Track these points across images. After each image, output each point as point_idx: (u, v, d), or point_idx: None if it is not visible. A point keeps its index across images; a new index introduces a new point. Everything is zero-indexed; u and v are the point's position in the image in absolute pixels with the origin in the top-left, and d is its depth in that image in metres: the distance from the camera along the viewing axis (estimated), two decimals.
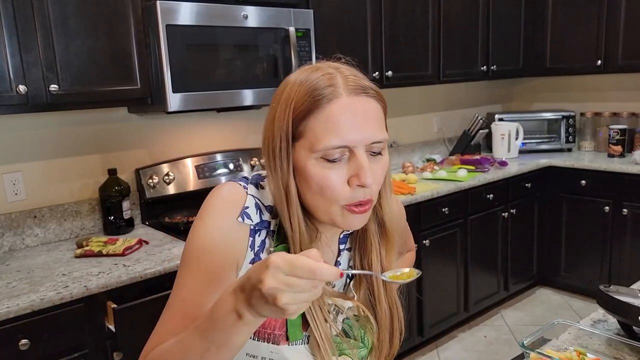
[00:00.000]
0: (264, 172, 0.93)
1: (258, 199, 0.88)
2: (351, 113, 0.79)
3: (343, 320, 0.92)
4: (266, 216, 0.88)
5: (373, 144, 0.81)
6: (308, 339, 0.87)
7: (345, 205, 0.81)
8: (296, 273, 0.61)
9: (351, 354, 0.91)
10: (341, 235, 0.95)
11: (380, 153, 0.83)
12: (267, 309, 0.63)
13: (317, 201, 0.82)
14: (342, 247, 0.95)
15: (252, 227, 0.86)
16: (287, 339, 0.86)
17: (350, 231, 0.94)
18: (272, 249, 0.87)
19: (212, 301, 0.79)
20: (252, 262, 0.86)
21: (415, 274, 0.78)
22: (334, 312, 0.91)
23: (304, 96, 0.79)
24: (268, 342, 0.85)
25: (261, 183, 0.91)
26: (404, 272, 0.79)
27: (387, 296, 0.95)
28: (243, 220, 0.85)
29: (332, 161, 0.79)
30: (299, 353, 0.86)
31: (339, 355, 0.90)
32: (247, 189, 0.88)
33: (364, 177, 0.79)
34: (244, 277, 0.66)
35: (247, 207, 0.86)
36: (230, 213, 0.85)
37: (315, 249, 0.66)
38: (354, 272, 0.87)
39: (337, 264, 0.94)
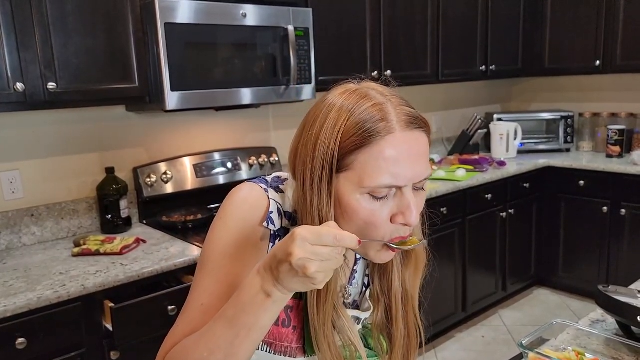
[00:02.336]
0: (283, 175, 0.90)
1: (280, 204, 0.85)
2: (405, 151, 0.76)
3: (359, 330, 0.91)
4: (285, 223, 0.85)
5: (420, 182, 0.79)
6: None
7: (385, 242, 0.79)
8: (322, 241, 0.64)
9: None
10: None
11: (422, 187, 0.81)
12: (296, 281, 0.65)
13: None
14: (358, 256, 0.93)
15: (272, 232, 0.84)
16: (304, 352, 0.85)
17: None
18: None
19: None
20: None
21: (417, 241, 0.78)
22: (353, 321, 0.89)
23: (353, 128, 0.75)
24: (285, 356, 0.85)
25: (281, 187, 0.87)
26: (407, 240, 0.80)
27: (406, 316, 0.92)
28: (268, 225, 0.82)
29: (379, 198, 0.76)
30: None
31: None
32: (268, 192, 0.85)
33: (409, 217, 0.77)
34: (268, 256, 0.68)
35: (272, 212, 0.83)
36: (253, 217, 0.82)
37: (333, 221, 0.69)
38: (368, 240, 0.81)
39: (353, 271, 0.93)
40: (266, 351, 0.84)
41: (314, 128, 0.78)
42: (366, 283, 0.94)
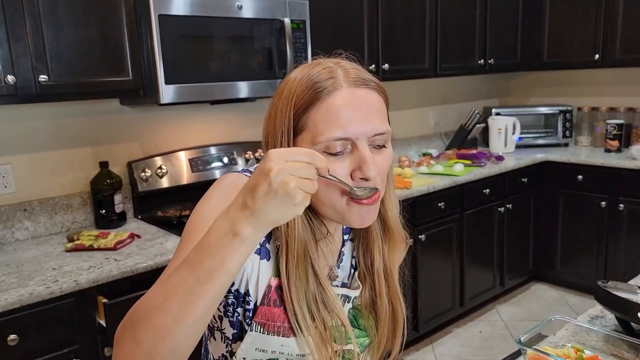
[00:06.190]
0: None
1: None
2: (352, 105, 0.79)
3: (349, 310, 0.93)
4: None
5: (376, 137, 0.81)
6: None
7: (350, 199, 0.80)
8: (296, 157, 0.65)
9: (356, 342, 0.93)
10: (344, 226, 0.95)
11: (384, 145, 0.83)
12: (275, 204, 0.63)
13: (322, 197, 0.81)
14: (345, 237, 0.96)
15: None
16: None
17: None
18: (278, 242, 0.86)
19: None
20: (258, 252, 0.86)
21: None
22: (342, 301, 0.92)
23: (304, 90, 0.80)
24: (278, 336, 0.86)
25: None
26: None
27: (390, 291, 0.95)
28: None
29: (335, 154, 0.79)
30: (308, 344, 0.87)
31: (346, 345, 0.90)
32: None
33: (366, 170, 0.78)
34: (238, 195, 0.67)
35: None
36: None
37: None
38: (331, 177, 0.79)
39: (340, 253, 0.95)
40: (260, 332, 0.85)
41: (274, 101, 0.84)
42: (354, 265, 0.96)
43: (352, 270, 0.96)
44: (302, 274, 0.84)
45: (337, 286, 0.93)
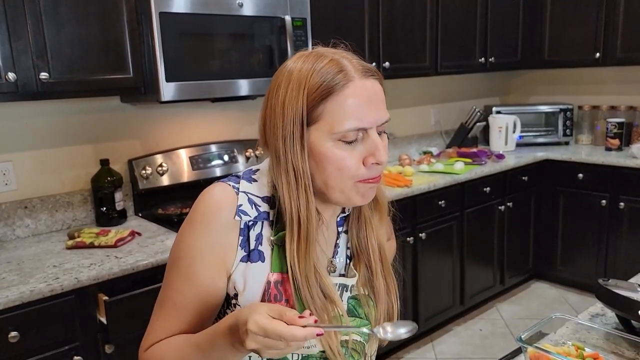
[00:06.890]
0: (254, 167, 0.95)
1: (251, 193, 0.90)
2: (365, 96, 0.84)
3: (348, 299, 0.94)
4: (263, 207, 0.90)
5: (382, 124, 0.87)
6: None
7: (358, 181, 0.86)
8: (269, 337, 0.72)
9: (357, 332, 0.94)
10: (338, 218, 0.98)
11: (384, 131, 0.89)
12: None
13: (332, 181, 0.86)
14: (340, 229, 0.98)
15: (242, 225, 0.88)
16: None
17: (347, 213, 0.98)
18: (272, 237, 0.89)
19: (200, 303, 0.88)
20: (244, 259, 0.89)
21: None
22: (340, 290, 0.94)
23: (317, 82, 0.83)
24: None
25: (253, 177, 0.93)
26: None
27: (384, 269, 0.99)
28: (241, 217, 0.88)
29: (349, 143, 0.84)
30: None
31: (346, 335, 0.92)
32: (237, 187, 0.90)
33: (379, 156, 0.85)
34: (234, 321, 0.76)
35: (241, 205, 0.88)
36: (221, 216, 0.88)
37: (293, 310, 0.76)
38: (328, 328, 0.86)
39: (336, 245, 0.97)
40: None
41: (279, 93, 0.86)
42: (349, 255, 0.99)
43: (347, 261, 0.98)
44: (309, 262, 0.86)
45: (335, 276, 0.95)
